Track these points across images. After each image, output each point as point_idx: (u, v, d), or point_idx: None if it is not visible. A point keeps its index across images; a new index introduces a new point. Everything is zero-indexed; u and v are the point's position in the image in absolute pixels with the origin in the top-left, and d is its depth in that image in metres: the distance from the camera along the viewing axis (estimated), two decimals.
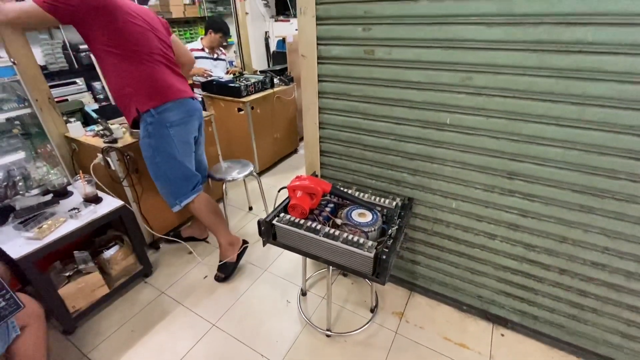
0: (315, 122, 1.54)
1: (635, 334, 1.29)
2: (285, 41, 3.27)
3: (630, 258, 1.17)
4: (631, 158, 1.03)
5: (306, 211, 1.28)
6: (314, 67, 1.40)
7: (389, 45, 1.22)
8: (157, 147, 1.58)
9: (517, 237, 1.33)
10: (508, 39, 1.03)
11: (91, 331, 1.60)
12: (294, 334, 1.55)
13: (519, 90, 1.08)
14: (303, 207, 1.27)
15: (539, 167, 1.17)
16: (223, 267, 1.87)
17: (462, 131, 1.23)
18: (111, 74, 1.49)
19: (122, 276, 1.77)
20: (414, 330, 1.56)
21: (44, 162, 1.73)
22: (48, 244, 1.37)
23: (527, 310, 1.47)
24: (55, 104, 1.93)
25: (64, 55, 3.39)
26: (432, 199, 1.44)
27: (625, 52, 0.91)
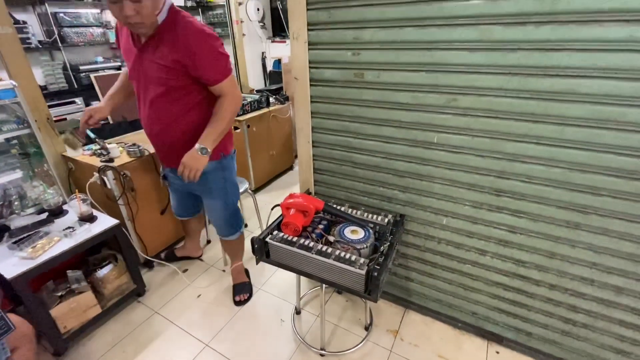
0: (308, 140, 1.58)
1: (627, 350, 1.29)
2: (281, 62, 3.37)
3: (617, 273, 1.19)
4: (611, 175, 1.06)
5: (299, 229, 1.30)
6: (307, 88, 1.45)
7: (377, 69, 1.28)
8: (229, 178, 1.62)
9: (507, 253, 1.35)
10: (489, 63, 1.09)
11: (82, 352, 1.57)
12: (288, 354, 1.54)
13: (501, 111, 1.13)
14: (296, 224, 1.29)
15: (525, 184, 1.20)
16: (241, 289, 1.87)
17: (449, 150, 1.27)
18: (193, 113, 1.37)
19: (115, 295, 1.75)
20: (408, 348, 1.55)
21: (40, 181, 1.75)
22: (41, 263, 1.37)
23: (520, 326, 1.47)
24: (54, 124, 1.96)
25: (64, 75, 3.46)
26: (423, 215, 1.46)
27: (597, 75, 0.96)
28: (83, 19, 3.53)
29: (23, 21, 3.14)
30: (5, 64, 1.74)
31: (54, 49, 3.45)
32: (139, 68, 1.30)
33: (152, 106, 1.35)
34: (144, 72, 1.30)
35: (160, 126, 1.39)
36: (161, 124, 1.39)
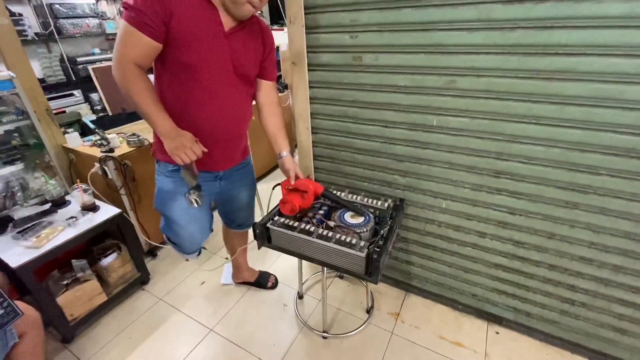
0: (307, 127, 1.58)
1: (626, 328, 1.31)
2: (279, 49, 3.33)
3: (616, 252, 1.20)
4: (610, 154, 1.06)
5: (296, 208, 1.27)
6: (305, 74, 1.44)
7: (375, 51, 1.27)
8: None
9: (506, 235, 1.36)
10: (488, 43, 1.08)
11: (90, 339, 1.61)
12: (291, 337, 1.57)
13: (500, 91, 1.12)
14: (293, 203, 1.26)
15: (524, 165, 1.20)
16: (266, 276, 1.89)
17: (449, 132, 1.27)
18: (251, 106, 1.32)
19: (120, 284, 1.78)
20: (409, 330, 1.58)
21: (42, 173, 1.76)
22: (46, 252, 1.39)
23: (520, 307, 1.49)
24: (53, 115, 1.97)
25: (62, 68, 3.44)
26: (422, 199, 1.47)
27: (597, 52, 0.96)
28: (79, 10, 3.49)
29: (19, 13, 3.12)
30: (3, 55, 1.74)
31: (51, 40, 3.43)
32: (221, 55, 1.09)
33: (233, 97, 1.19)
34: (230, 60, 1.11)
35: (236, 120, 1.25)
36: (237, 118, 1.25)
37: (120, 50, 0.98)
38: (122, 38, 0.97)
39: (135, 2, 0.94)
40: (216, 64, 1.10)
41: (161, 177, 1.28)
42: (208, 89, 1.11)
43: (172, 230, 1.37)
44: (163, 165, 1.25)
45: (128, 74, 0.99)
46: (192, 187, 1.17)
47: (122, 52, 0.98)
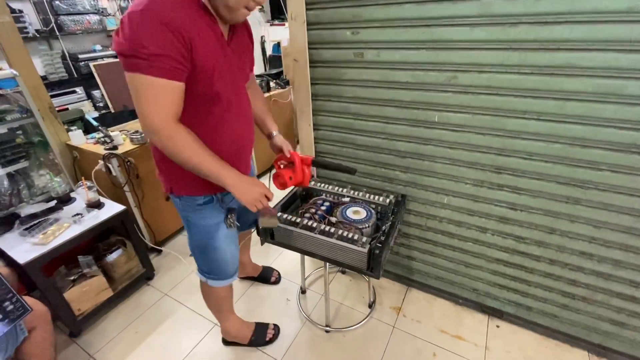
0: (309, 123, 1.58)
1: (625, 321, 1.33)
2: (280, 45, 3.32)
3: (616, 247, 1.21)
4: (611, 150, 1.07)
5: (285, 181, 1.21)
6: (307, 70, 1.45)
7: (377, 47, 1.27)
8: None
9: (507, 230, 1.37)
10: (490, 38, 1.08)
11: (97, 333, 1.64)
12: (294, 331, 1.59)
13: (501, 87, 1.12)
14: (283, 176, 1.21)
15: (525, 161, 1.21)
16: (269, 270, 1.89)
17: (450, 128, 1.28)
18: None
19: (125, 279, 1.81)
20: (411, 324, 1.60)
21: (47, 170, 1.77)
22: (53, 248, 1.42)
23: (520, 301, 1.51)
24: (57, 113, 1.98)
25: (63, 65, 3.45)
26: (424, 195, 1.48)
27: (598, 48, 0.96)
28: (79, 7, 3.49)
29: (19, 10, 3.12)
30: (5, 53, 1.74)
31: (52, 37, 3.43)
32: (232, 68, 0.99)
33: (247, 107, 1.12)
34: (237, 70, 1.02)
35: (252, 124, 1.17)
36: (251, 121, 1.16)
37: (155, 111, 0.81)
38: (150, 96, 0.80)
39: (150, 46, 0.75)
40: (230, 79, 0.99)
41: (195, 214, 1.11)
42: (230, 107, 1.02)
43: (216, 261, 1.23)
44: (189, 200, 1.07)
45: (178, 139, 0.85)
46: (229, 209, 1.16)
47: (158, 112, 0.82)
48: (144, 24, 0.75)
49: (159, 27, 0.76)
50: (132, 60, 0.77)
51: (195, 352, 1.52)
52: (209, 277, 1.27)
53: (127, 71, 0.79)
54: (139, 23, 0.75)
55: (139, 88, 0.79)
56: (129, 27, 0.75)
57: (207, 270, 1.26)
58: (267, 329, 1.56)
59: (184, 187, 1.05)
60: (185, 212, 1.12)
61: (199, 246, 1.20)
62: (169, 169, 1.03)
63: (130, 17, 0.75)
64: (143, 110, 0.82)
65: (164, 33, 0.76)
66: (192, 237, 1.19)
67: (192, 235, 1.18)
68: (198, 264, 1.28)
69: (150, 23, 0.75)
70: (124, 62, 0.79)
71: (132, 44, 0.75)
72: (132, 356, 1.52)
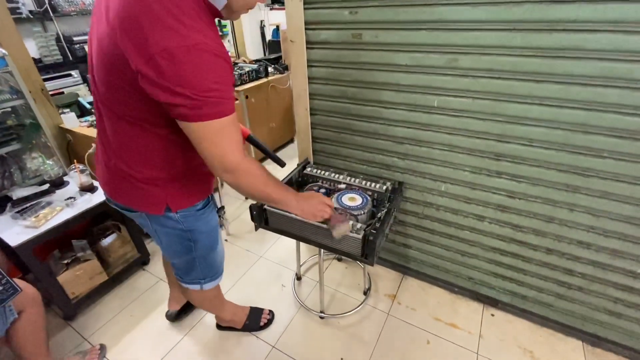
0: (306, 107, 1.55)
1: (621, 312, 1.32)
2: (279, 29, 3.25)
3: (614, 236, 1.19)
4: (614, 136, 1.03)
5: None
6: (303, 52, 1.40)
7: (375, 28, 1.22)
8: None
9: (505, 218, 1.35)
10: (492, 18, 1.03)
11: (91, 317, 1.64)
12: (289, 317, 1.59)
13: (503, 70, 1.08)
14: None
15: (525, 148, 1.18)
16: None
17: (449, 113, 1.24)
18: None
19: (120, 264, 1.80)
20: (405, 311, 1.59)
21: (39, 153, 1.75)
22: (45, 231, 1.40)
23: (516, 290, 1.50)
24: (49, 95, 1.94)
25: (58, 47, 3.38)
26: (422, 182, 1.45)
27: (606, 29, 0.91)
28: None
29: None
30: None
31: (46, 19, 3.35)
32: None
33: None
34: None
35: None
36: None
37: (232, 149, 0.76)
38: (226, 135, 0.74)
39: (230, 88, 0.73)
40: None
41: (199, 222, 1.03)
42: None
43: (216, 262, 1.19)
44: (188, 211, 0.99)
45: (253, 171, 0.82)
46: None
47: (235, 148, 0.76)
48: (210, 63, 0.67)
49: (225, 64, 0.70)
50: (224, 105, 0.71)
51: (189, 337, 1.52)
52: (204, 283, 1.19)
53: (205, 120, 0.70)
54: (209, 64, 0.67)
55: (217, 132, 0.72)
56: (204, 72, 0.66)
57: (203, 276, 1.18)
58: (262, 314, 1.56)
59: (185, 197, 0.96)
60: (188, 224, 1.00)
61: (203, 255, 1.11)
62: (166, 188, 0.92)
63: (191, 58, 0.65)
64: (222, 152, 0.75)
65: (227, 69, 0.71)
66: (199, 249, 1.08)
67: (198, 247, 1.07)
68: (192, 276, 1.16)
69: (218, 62, 0.68)
70: (197, 113, 0.68)
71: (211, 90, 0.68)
72: (126, 339, 1.52)
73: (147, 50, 0.64)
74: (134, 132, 0.82)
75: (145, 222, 1.00)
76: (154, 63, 0.64)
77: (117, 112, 0.80)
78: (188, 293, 1.26)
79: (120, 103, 0.78)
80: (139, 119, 0.79)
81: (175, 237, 1.02)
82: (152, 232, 1.04)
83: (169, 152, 0.87)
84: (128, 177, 0.89)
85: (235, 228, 2.22)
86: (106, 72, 0.75)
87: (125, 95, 0.75)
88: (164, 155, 0.87)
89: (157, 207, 0.93)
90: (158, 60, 0.64)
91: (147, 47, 0.64)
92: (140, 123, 0.80)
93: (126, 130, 0.82)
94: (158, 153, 0.86)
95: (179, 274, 1.17)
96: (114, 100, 0.79)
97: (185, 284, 1.19)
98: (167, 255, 1.13)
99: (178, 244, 1.05)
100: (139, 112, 0.78)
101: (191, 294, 1.25)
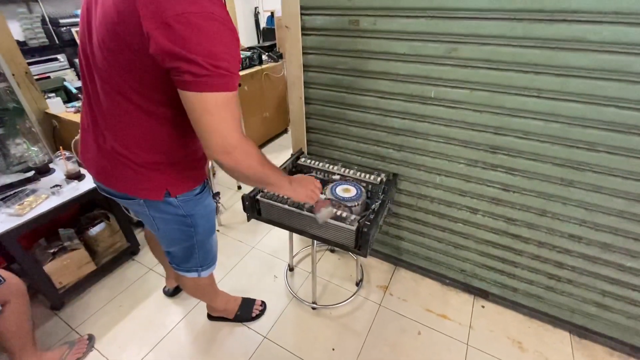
0: (300, 96, 1.51)
1: (609, 304, 1.34)
2: (274, 16, 3.17)
3: (605, 230, 1.19)
4: (611, 130, 1.03)
5: None
6: (298, 38, 1.36)
7: (373, 14, 1.19)
8: None
9: (498, 211, 1.35)
10: (493, 7, 1.01)
11: (79, 307, 1.61)
12: (281, 307, 1.58)
13: (502, 61, 1.06)
14: None
15: (522, 141, 1.17)
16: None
17: (446, 105, 1.22)
18: None
19: (109, 253, 1.77)
20: (397, 302, 1.60)
21: (23, 139, 1.69)
22: (29, 220, 1.36)
23: (507, 282, 1.51)
24: (33, 79, 1.87)
25: (44, 30, 3.25)
26: (416, 174, 1.44)
27: (608, 20, 0.90)
28: None
29: None
30: None
31: (31, 0, 3.21)
32: None
33: None
34: None
35: None
36: None
37: (231, 127, 0.73)
38: (226, 112, 0.71)
39: (237, 63, 0.71)
40: None
41: (198, 206, 1.01)
42: None
43: (212, 247, 1.18)
44: (187, 195, 0.96)
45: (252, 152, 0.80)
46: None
47: (235, 127, 0.73)
48: (223, 34, 0.65)
49: (236, 39, 0.69)
50: (227, 78, 0.67)
51: (179, 327, 1.51)
52: (202, 270, 1.18)
53: (206, 91, 0.66)
54: (220, 34, 0.65)
55: (222, 105, 0.69)
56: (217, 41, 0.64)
57: (200, 263, 1.16)
58: (254, 304, 1.55)
59: (182, 185, 0.93)
60: (187, 209, 0.98)
61: (202, 240, 1.09)
62: (165, 172, 0.89)
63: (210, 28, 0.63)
64: (225, 127, 0.72)
65: (238, 44, 0.70)
66: (199, 234, 1.06)
67: (198, 232, 1.05)
68: (190, 264, 1.14)
69: (230, 35, 0.67)
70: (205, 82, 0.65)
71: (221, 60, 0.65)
72: (115, 329, 1.50)
73: (163, 14, 0.61)
74: (137, 114, 0.79)
75: (142, 209, 0.97)
76: (168, 26, 0.62)
77: (119, 89, 0.76)
78: (183, 281, 1.25)
79: (124, 77, 0.74)
80: (144, 96, 0.76)
81: (174, 223, 1.00)
82: (149, 220, 1.01)
83: (172, 136, 0.84)
84: (126, 160, 0.85)
85: (227, 219, 2.20)
86: (112, 39, 0.71)
87: (132, 65, 0.71)
88: (167, 139, 0.84)
89: (157, 192, 0.90)
90: (172, 24, 0.61)
91: (163, 10, 0.61)
92: (145, 103, 0.77)
93: (129, 111, 0.78)
94: (162, 136, 0.84)
95: (176, 261, 1.15)
96: (116, 74, 0.75)
97: (182, 272, 1.18)
98: (165, 244, 1.11)
99: (177, 231, 1.03)
100: (144, 87, 0.74)
101: (186, 281, 1.24)
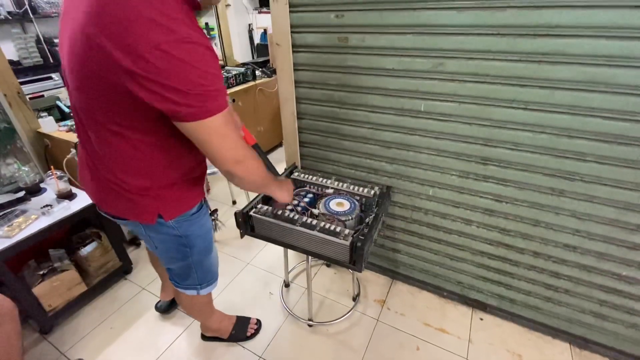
0: (293, 112, 1.52)
1: (607, 314, 1.33)
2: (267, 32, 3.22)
3: (599, 239, 1.20)
4: (598, 140, 1.04)
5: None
6: (289, 55, 1.38)
7: (362, 32, 1.21)
8: None
9: (492, 222, 1.35)
10: (478, 23, 1.03)
11: (69, 330, 1.57)
12: (276, 325, 1.55)
13: (489, 75, 1.08)
14: None
15: (511, 152, 1.18)
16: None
17: (436, 118, 1.24)
18: None
19: (100, 273, 1.73)
20: (395, 317, 1.58)
21: (14, 159, 1.68)
22: (18, 241, 1.33)
23: (504, 294, 1.50)
24: (26, 99, 1.87)
25: (38, 49, 3.28)
26: (409, 186, 1.44)
27: (588, 34, 0.92)
28: None
29: None
30: None
31: (26, 20, 3.25)
32: None
33: None
34: None
35: None
36: None
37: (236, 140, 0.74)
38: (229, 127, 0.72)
39: (221, 78, 0.71)
40: None
41: (194, 226, 1.00)
42: None
43: (212, 265, 1.18)
44: (182, 217, 0.95)
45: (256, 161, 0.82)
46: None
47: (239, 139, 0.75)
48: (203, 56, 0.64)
49: (214, 56, 0.67)
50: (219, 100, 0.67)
51: (172, 348, 1.47)
52: (200, 288, 1.16)
53: (212, 115, 0.67)
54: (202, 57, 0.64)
55: (224, 124, 0.70)
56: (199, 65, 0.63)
57: (200, 281, 1.15)
58: (249, 323, 1.52)
59: (175, 208, 0.92)
60: (183, 230, 0.97)
61: (200, 260, 1.09)
62: (157, 197, 0.87)
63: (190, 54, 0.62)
64: (227, 146, 0.73)
65: (217, 60, 0.68)
66: (195, 254, 1.05)
67: (194, 252, 1.04)
68: (189, 282, 1.14)
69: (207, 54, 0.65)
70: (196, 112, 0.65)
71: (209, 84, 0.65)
72: (106, 353, 1.46)
73: (136, 49, 0.58)
74: (117, 141, 0.77)
75: (139, 229, 0.96)
76: (144, 62, 0.59)
77: (99, 120, 0.75)
78: (180, 297, 1.23)
79: (101, 110, 0.72)
80: (124, 126, 0.74)
81: (170, 242, 0.99)
82: (147, 240, 1.00)
83: (156, 160, 0.82)
84: (117, 187, 0.84)
85: (222, 235, 2.17)
86: (83, 77, 0.70)
87: (108, 100, 0.69)
88: (150, 164, 0.82)
89: (149, 216, 0.89)
90: (149, 57, 0.58)
91: (135, 45, 0.58)
92: (124, 131, 0.75)
93: (109, 139, 0.77)
94: (145, 163, 0.81)
95: (175, 279, 1.15)
96: (94, 107, 0.73)
97: (182, 289, 1.16)
98: (164, 261, 1.10)
99: (174, 250, 1.02)
100: (123, 119, 0.73)
101: (184, 298, 1.22)
